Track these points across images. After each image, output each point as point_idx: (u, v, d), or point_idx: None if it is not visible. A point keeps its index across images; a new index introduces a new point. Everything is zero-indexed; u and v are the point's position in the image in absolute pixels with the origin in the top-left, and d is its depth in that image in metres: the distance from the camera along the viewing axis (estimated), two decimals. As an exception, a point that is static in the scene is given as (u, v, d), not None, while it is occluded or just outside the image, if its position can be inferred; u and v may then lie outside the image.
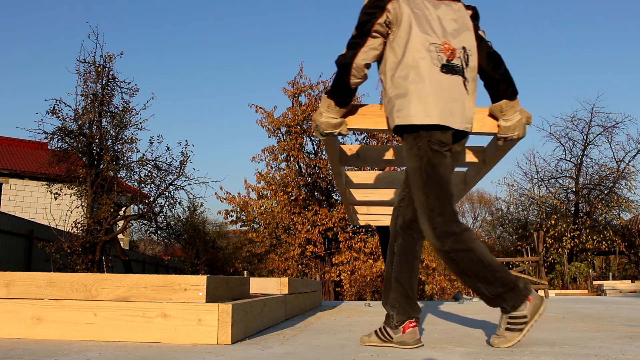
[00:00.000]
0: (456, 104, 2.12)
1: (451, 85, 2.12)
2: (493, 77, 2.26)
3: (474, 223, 34.02)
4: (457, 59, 2.15)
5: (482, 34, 2.32)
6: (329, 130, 2.33)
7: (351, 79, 2.19)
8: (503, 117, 2.28)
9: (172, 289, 2.28)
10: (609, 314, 4.31)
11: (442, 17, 2.20)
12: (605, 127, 17.45)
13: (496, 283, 2.09)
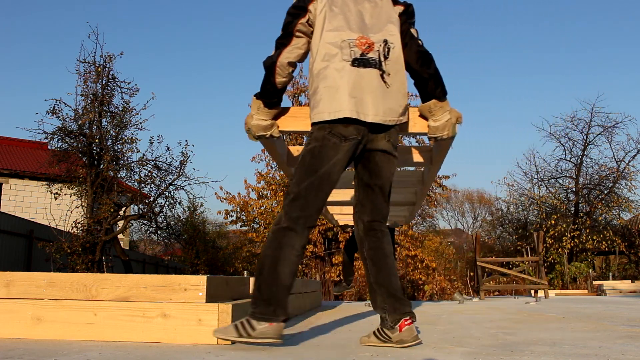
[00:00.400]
0: (368, 97, 2.12)
1: (363, 79, 2.12)
2: (422, 76, 2.28)
3: (474, 223, 34.02)
4: (375, 52, 2.16)
5: (413, 32, 2.30)
6: (260, 132, 2.36)
7: (276, 78, 2.24)
8: (432, 117, 2.31)
9: (172, 289, 2.28)
10: (609, 314, 4.31)
11: (363, 11, 2.23)
12: (605, 127, 17.45)
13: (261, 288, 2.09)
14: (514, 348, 2.13)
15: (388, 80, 2.17)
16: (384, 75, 2.16)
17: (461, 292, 12.48)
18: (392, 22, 2.25)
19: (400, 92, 2.21)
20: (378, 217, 2.27)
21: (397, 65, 2.21)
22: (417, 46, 2.28)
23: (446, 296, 12.63)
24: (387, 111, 2.15)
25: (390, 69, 2.18)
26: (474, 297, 11.15)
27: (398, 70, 2.21)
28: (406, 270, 13.09)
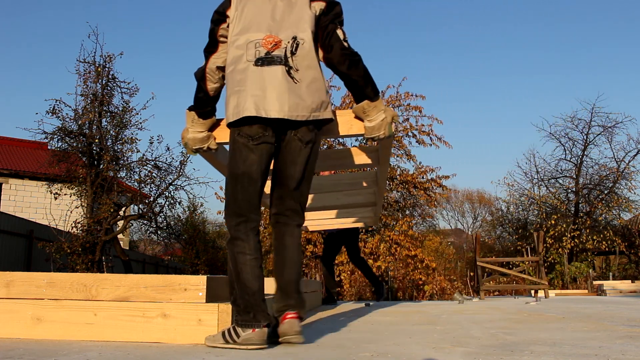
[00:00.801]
0: (271, 94, 2.11)
1: (266, 77, 2.13)
2: (351, 77, 2.27)
3: (474, 223, 34.02)
4: (281, 49, 2.16)
5: (340, 33, 2.27)
6: (197, 145, 2.38)
7: (208, 84, 2.28)
8: (367, 117, 2.31)
9: (172, 289, 2.28)
10: (609, 314, 4.31)
11: (274, 10, 2.24)
12: (605, 127, 17.45)
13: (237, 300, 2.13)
14: (514, 348, 2.13)
15: (296, 76, 2.16)
16: (291, 71, 2.15)
17: (461, 292, 12.48)
18: (305, 18, 2.23)
19: (313, 88, 2.19)
20: (282, 209, 2.28)
21: (308, 60, 2.19)
22: (342, 48, 2.25)
23: (446, 296, 12.63)
24: (293, 107, 2.13)
25: (299, 64, 2.17)
26: (474, 297, 11.15)
27: (309, 66, 2.19)
28: (406, 270, 13.08)
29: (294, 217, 2.29)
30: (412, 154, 14.05)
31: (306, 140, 2.20)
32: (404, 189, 14.12)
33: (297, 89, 2.15)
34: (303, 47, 2.19)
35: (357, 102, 2.33)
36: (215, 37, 2.29)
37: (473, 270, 13.48)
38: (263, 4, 2.26)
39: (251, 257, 2.14)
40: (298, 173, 2.23)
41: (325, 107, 2.24)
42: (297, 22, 2.22)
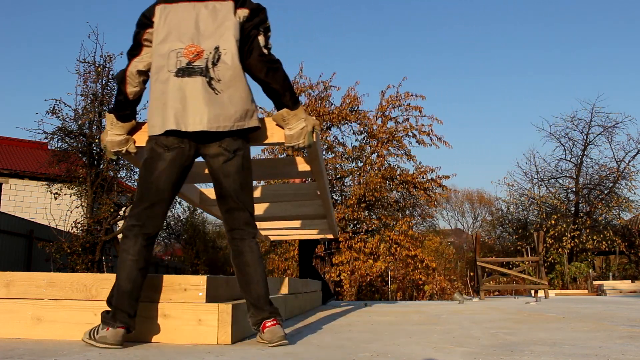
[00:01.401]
0: (190, 106, 2.10)
1: (186, 88, 2.12)
2: (269, 85, 2.26)
3: (474, 223, 34.01)
4: (203, 60, 2.15)
5: (261, 39, 2.26)
6: (115, 148, 2.38)
7: (127, 87, 2.27)
8: (287, 125, 2.30)
9: (172, 289, 2.28)
10: (609, 314, 4.32)
11: (198, 19, 2.22)
12: (605, 127, 17.45)
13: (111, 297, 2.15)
14: (514, 348, 2.13)
15: (217, 87, 2.14)
16: (212, 82, 2.14)
17: (461, 292, 12.48)
18: (228, 27, 2.21)
19: (236, 97, 2.17)
20: (234, 224, 2.25)
21: (231, 71, 2.17)
22: (260, 55, 2.24)
23: (446, 296, 12.64)
24: (214, 118, 2.11)
25: (221, 75, 2.15)
26: (474, 297, 11.15)
27: (232, 76, 2.17)
28: (406, 270, 13.09)
29: (247, 230, 2.25)
30: (412, 154, 14.08)
31: (233, 149, 2.18)
32: (404, 189, 14.12)
33: (218, 100, 2.13)
34: (226, 57, 2.17)
35: (277, 109, 2.32)
36: (139, 41, 2.28)
37: (473, 270, 13.48)
38: (187, 12, 2.23)
39: (132, 259, 2.14)
40: (235, 184, 2.20)
41: (251, 116, 2.21)
42: (220, 31, 2.20)
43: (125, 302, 2.11)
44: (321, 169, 2.89)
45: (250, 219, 2.28)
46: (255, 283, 2.20)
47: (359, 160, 14.44)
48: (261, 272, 2.22)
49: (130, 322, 2.10)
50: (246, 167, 2.24)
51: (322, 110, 13.59)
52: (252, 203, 2.29)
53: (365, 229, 14.09)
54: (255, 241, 2.28)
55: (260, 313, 2.18)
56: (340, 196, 14.71)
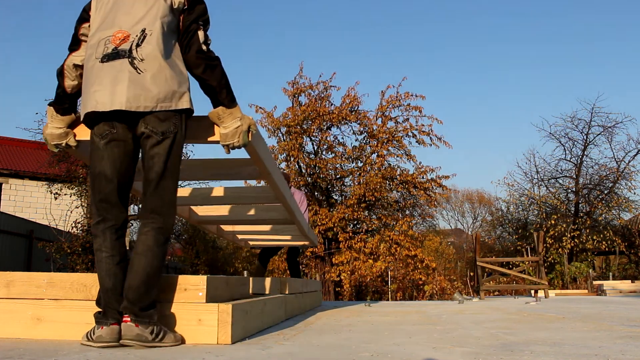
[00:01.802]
0: (115, 88, 2.09)
1: (110, 71, 2.12)
2: (206, 82, 2.24)
3: (474, 223, 34.02)
4: (128, 43, 2.15)
5: (200, 35, 2.23)
6: (55, 141, 2.38)
7: (65, 81, 2.31)
8: (222, 124, 2.27)
9: (171, 289, 2.28)
10: (609, 314, 4.32)
11: (130, 6, 2.22)
12: (605, 127, 17.46)
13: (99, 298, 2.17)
14: (514, 348, 2.13)
15: (140, 66, 2.12)
16: (135, 62, 2.12)
17: (461, 292, 12.48)
18: (156, 9, 2.20)
19: (161, 77, 2.13)
20: (142, 211, 2.21)
21: (157, 51, 2.14)
22: (198, 51, 2.22)
23: (446, 296, 12.63)
24: (134, 98, 2.09)
25: (145, 55, 2.13)
26: (474, 297, 11.15)
27: (157, 56, 2.14)
28: (406, 270, 13.09)
29: (153, 219, 2.17)
30: (412, 154, 14.09)
31: (160, 131, 2.13)
32: (404, 189, 14.13)
33: (140, 80, 2.11)
34: (151, 37, 2.15)
35: (214, 107, 2.30)
36: (77, 36, 2.32)
37: (473, 270, 13.48)
38: (118, 1, 2.25)
39: (106, 255, 2.14)
40: (157, 168, 2.15)
41: (180, 98, 2.17)
42: (148, 14, 2.20)
43: (112, 299, 2.11)
44: (270, 170, 2.80)
45: (162, 207, 2.18)
46: (132, 274, 2.12)
47: (359, 160, 14.44)
48: (144, 266, 2.11)
49: (119, 318, 2.10)
50: (174, 152, 2.17)
51: (322, 110, 13.58)
52: (171, 192, 2.21)
53: (365, 229, 14.09)
54: (158, 232, 2.17)
55: (120, 302, 2.11)
56: (340, 196, 14.71)
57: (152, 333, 2.06)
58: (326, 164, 13.83)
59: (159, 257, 2.16)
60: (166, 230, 2.19)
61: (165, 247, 2.19)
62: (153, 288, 2.13)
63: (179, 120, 2.17)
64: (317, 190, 14.38)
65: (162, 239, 2.17)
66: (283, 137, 14.25)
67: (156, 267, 2.13)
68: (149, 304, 2.11)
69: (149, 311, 2.10)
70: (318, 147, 14.34)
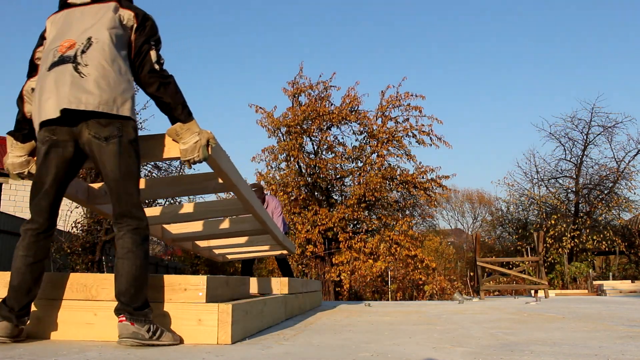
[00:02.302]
0: (57, 92, 2.11)
1: (54, 78, 2.14)
2: (161, 99, 2.28)
3: (474, 223, 34.02)
4: (73, 50, 2.18)
5: (152, 55, 2.28)
6: (17, 170, 2.39)
7: (25, 106, 2.33)
8: (181, 140, 2.29)
9: (172, 289, 2.28)
10: (609, 314, 4.32)
11: (77, 18, 2.28)
12: (605, 127, 17.45)
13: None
14: (514, 348, 2.13)
15: (84, 71, 2.14)
16: (79, 67, 2.15)
17: (461, 292, 12.48)
18: (105, 21, 2.25)
19: (104, 83, 2.13)
20: (115, 218, 2.22)
21: (100, 56, 2.17)
22: (151, 70, 2.27)
23: (446, 296, 12.63)
24: (75, 100, 2.10)
25: (90, 61, 2.16)
26: (474, 297, 11.15)
27: (101, 63, 2.16)
28: (406, 270, 13.09)
29: (125, 222, 2.20)
30: (412, 154, 14.08)
31: (104, 136, 2.14)
32: (404, 189, 14.13)
33: (82, 82, 2.13)
34: (97, 45, 2.19)
35: (171, 124, 2.33)
36: (33, 61, 2.35)
37: (473, 270, 13.48)
38: (71, 16, 2.30)
39: (20, 255, 2.18)
40: (111, 174, 2.17)
41: (122, 104, 2.17)
42: (96, 25, 2.24)
43: (11, 295, 2.15)
44: (235, 182, 2.79)
45: (130, 210, 2.20)
46: (118, 276, 2.16)
47: (359, 160, 14.44)
48: (127, 269, 2.14)
49: (10, 316, 2.12)
50: (125, 154, 2.17)
51: (322, 110, 13.58)
52: (133, 194, 2.21)
53: (365, 229, 14.09)
54: (134, 234, 2.19)
55: (119, 305, 2.15)
56: (340, 196, 14.71)
57: (149, 331, 2.08)
58: (326, 164, 13.83)
59: (141, 257, 2.18)
60: (141, 229, 2.21)
61: (145, 246, 2.21)
62: (143, 287, 2.16)
63: (122, 125, 2.18)
64: (317, 190, 14.38)
65: (139, 239, 2.19)
66: (283, 137, 14.24)
67: (140, 267, 2.16)
68: (142, 303, 2.13)
69: (143, 310, 2.12)
70: (318, 147, 14.34)
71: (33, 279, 2.18)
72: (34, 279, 2.19)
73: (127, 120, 2.19)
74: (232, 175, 2.70)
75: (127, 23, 2.30)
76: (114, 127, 2.15)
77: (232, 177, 2.70)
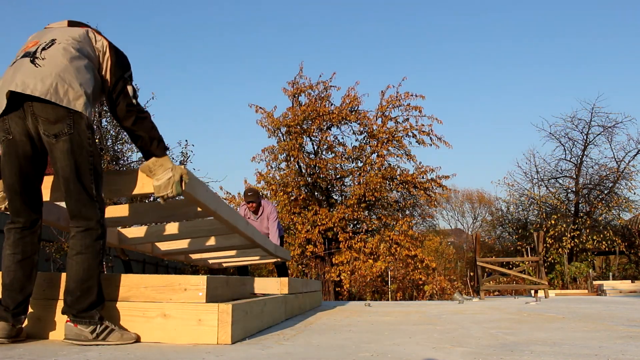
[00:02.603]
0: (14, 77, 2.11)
1: (11, 70, 2.16)
2: (135, 133, 2.31)
3: (474, 223, 34.02)
4: (35, 47, 2.22)
5: (129, 89, 2.33)
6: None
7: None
8: (154, 176, 2.31)
9: (172, 289, 2.28)
10: (609, 314, 4.32)
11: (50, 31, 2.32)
12: (605, 127, 17.45)
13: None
14: (514, 348, 2.13)
15: (39, 62, 2.16)
16: (36, 60, 2.16)
17: (461, 292, 12.48)
18: (72, 33, 2.31)
19: (56, 74, 2.12)
20: (69, 217, 2.22)
21: (59, 54, 2.18)
22: (128, 105, 2.31)
23: (446, 296, 12.63)
24: (20, 84, 2.09)
25: (48, 55, 2.18)
26: (474, 297, 11.15)
27: (59, 59, 2.17)
28: (406, 270, 13.09)
29: (76, 223, 2.19)
30: (412, 154, 14.09)
31: (53, 133, 2.10)
32: (404, 189, 14.13)
33: (34, 71, 2.13)
34: (59, 45, 2.22)
35: (145, 159, 2.35)
36: None
37: (473, 270, 13.48)
38: (45, 30, 2.36)
39: (9, 253, 2.20)
40: (62, 172, 2.14)
41: (75, 99, 2.13)
42: (65, 34, 2.29)
43: (5, 294, 2.16)
44: (214, 209, 2.78)
45: (81, 210, 2.18)
46: (67, 277, 2.18)
47: (359, 160, 14.45)
48: (75, 270, 2.15)
49: (5, 315, 2.12)
50: (76, 152, 2.14)
51: (322, 110, 13.58)
52: (82, 191, 2.17)
53: (365, 229, 14.09)
54: (81, 235, 2.18)
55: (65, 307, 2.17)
56: (340, 196, 14.71)
57: (93, 332, 2.11)
58: (326, 164, 13.82)
59: (90, 259, 2.17)
60: (92, 230, 2.19)
61: (96, 246, 2.19)
62: (90, 289, 2.15)
63: (72, 122, 2.13)
64: (317, 190, 14.38)
65: (89, 241, 2.18)
66: (283, 137, 14.24)
67: (88, 269, 2.15)
68: (88, 305, 2.14)
69: (89, 312, 2.13)
70: (318, 147, 14.34)
71: (25, 276, 2.19)
72: (26, 275, 2.20)
73: (79, 116, 2.14)
74: (210, 204, 2.70)
75: (98, 46, 2.34)
76: (64, 124, 2.11)
77: (210, 205, 2.70)
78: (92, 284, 2.16)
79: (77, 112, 2.13)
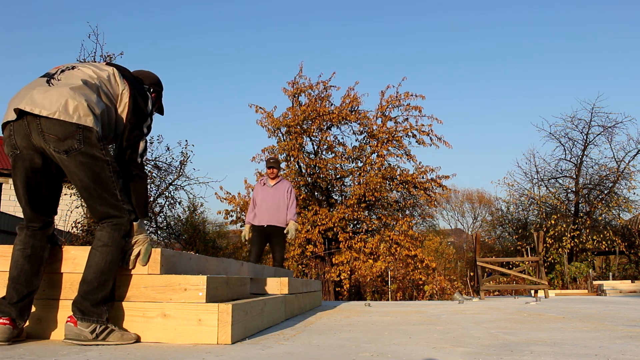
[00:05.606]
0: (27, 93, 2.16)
1: (27, 87, 2.22)
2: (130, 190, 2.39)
3: (474, 223, 34.02)
4: (55, 70, 2.32)
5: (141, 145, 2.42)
6: None
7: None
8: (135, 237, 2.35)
9: (172, 289, 2.28)
10: (609, 314, 4.32)
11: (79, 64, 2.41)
12: (605, 127, 17.44)
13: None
14: (514, 348, 2.13)
15: (53, 82, 2.23)
16: (51, 81, 2.24)
17: (461, 292, 12.48)
18: (94, 65, 2.40)
19: (69, 93, 2.16)
20: (96, 222, 2.30)
21: (76, 77, 2.27)
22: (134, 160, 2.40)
23: (446, 296, 12.62)
24: (29, 102, 2.14)
25: (64, 77, 2.26)
26: (474, 297, 11.15)
27: (75, 80, 2.25)
28: (406, 270, 13.08)
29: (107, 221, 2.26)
30: (412, 154, 14.07)
31: (63, 150, 2.14)
32: (404, 189, 14.12)
33: (47, 90, 2.18)
34: (77, 71, 2.31)
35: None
36: None
37: (473, 270, 13.48)
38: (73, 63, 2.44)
39: (18, 248, 2.26)
40: (80, 182, 2.20)
41: (83, 115, 2.16)
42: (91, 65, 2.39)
43: (11, 286, 2.18)
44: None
45: (107, 212, 2.24)
46: (87, 267, 2.22)
47: (359, 160, 14.44)
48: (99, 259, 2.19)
49: (9, 310, 2.13)
50: (93, 163, 2.18)
51: (322, 110, 13.58)
52: (107, 196, 2.23)
53: (365, 229, 14.08)
54: (111, 228, 2.24)
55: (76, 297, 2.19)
56: (340, 196, 14.71)
57: (93, 332, 2.12)
58: (326, 164, 13.82)
59: (114, 253, 2.22)
60: (123, 225, 2.26)
61: (121, 243, 2.24)
62: (107, 283, 2.18)
63: (82, 137, 2.16)
64: (317, 190, 14.38)
65: (118, 236, 2.24)
66: (283, 137, 14.23)
67: (110, 263, 2.20)
68: (101, 298, 2.16)
69: (99, 307, 2.15)
70: (318, 147, 14.33)
71: (32, 270, 2.22)
72: (33, 270, 2.22)
73: (88, 131, 2.17)
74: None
75: (119, 82, 2.39)
76: (74, 140, 2.14)
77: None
78: (109, 278, 2.20)
79: (86, 127, 2.16)
